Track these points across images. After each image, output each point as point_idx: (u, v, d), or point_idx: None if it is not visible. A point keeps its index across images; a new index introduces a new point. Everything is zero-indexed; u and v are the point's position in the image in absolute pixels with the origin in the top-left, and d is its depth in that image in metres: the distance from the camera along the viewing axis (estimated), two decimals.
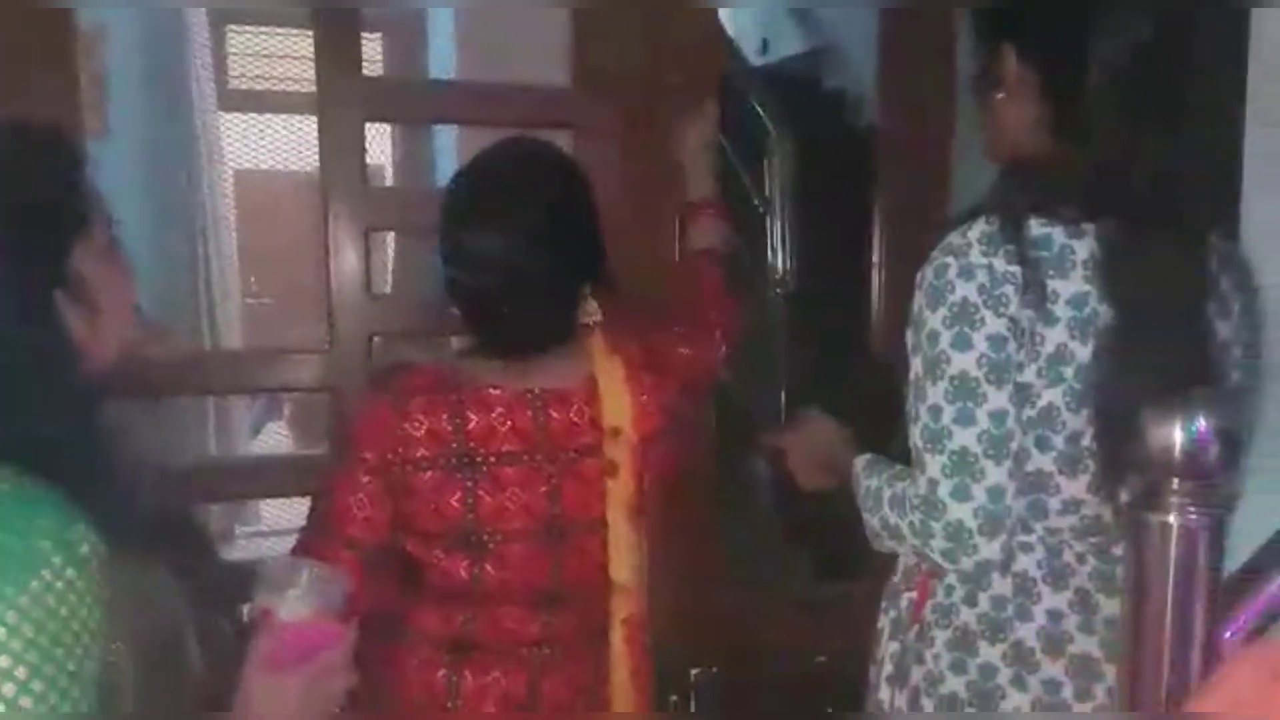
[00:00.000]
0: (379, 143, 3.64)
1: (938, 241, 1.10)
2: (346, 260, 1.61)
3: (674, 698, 1.75)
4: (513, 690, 1.20)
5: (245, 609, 1.02)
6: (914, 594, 1.18)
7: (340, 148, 1.61)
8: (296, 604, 0.94)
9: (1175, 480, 0.85)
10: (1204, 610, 0.87)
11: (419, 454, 1.15)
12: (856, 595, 1.45)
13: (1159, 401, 0.86)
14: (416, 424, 1.16)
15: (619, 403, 1.21)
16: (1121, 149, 1.07)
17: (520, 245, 1.16)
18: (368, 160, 1.65)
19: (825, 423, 1.38)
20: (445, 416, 1.16)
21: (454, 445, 1.16)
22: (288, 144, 4.47)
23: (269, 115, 4.53)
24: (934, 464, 1.06)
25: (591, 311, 1.22)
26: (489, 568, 1.17)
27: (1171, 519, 0.85)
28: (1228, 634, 0.92)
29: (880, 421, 1.22)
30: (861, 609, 1.31)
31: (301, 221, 2.01)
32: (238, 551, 3.32)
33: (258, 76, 4.65)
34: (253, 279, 5.15)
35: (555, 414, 1.19)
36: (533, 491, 1.18)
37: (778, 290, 2.68)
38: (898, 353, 1.14)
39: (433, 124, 2.93)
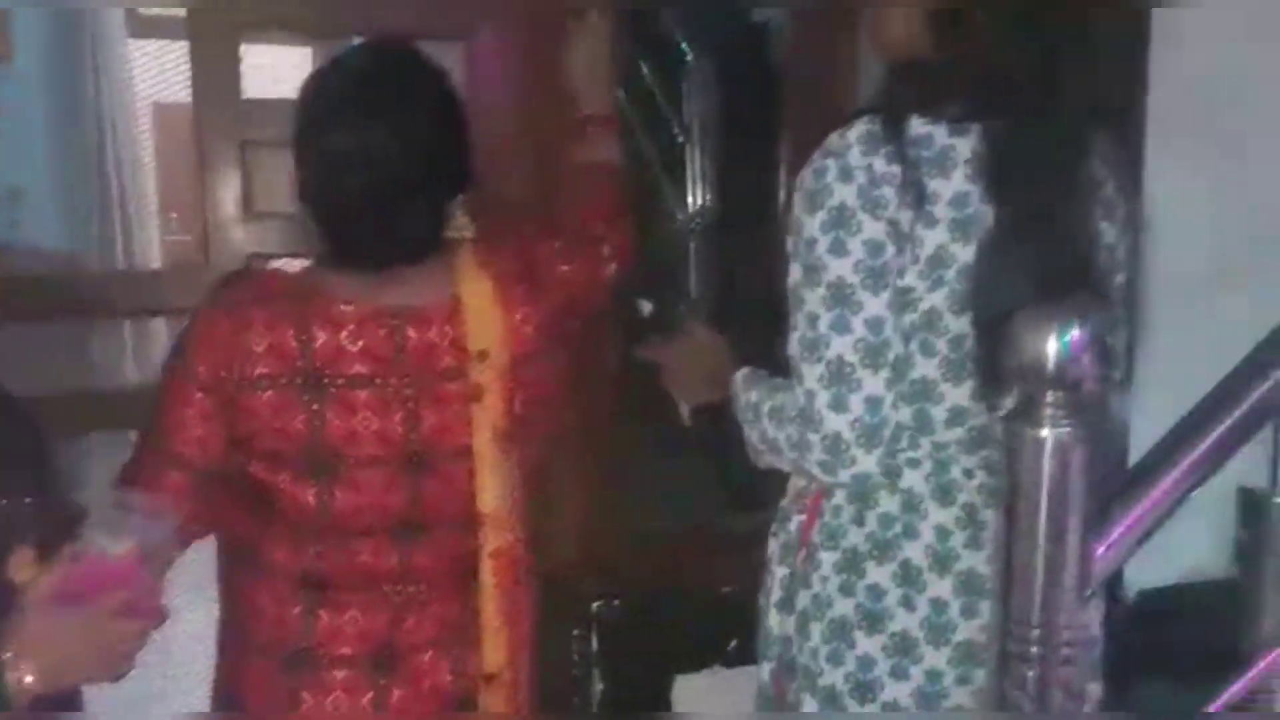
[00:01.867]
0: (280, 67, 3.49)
1: None
2: (223, 178, 1.52)
3: (576, 631, 1.72)
4: (372, 629, 1.14)
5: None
6: (803, 516, 1.16)
7: (213, 63, 1.53)
8: (108, 540, 0.90)
9: (1049, 392, 0.83)
10: (1078, 525, 0.85)
11: (258, 371, 1.08)
12: (768, 524, 1.43)
13: (1035, 308, 0.83)
14: (256, 338, 1.08)
15: (487, 323, 1.14)
16: (1005, 45, 1.03)
17: (380, 143, 1.09)
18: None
19: (704, 334, 1.35)
20: (290, 332, 1.08)
21: (299, 364, 1.09)
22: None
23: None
24: (810, 374, 1.04)
25: (462, 227, 1.15)
26: (339, 495, 1.11)
27: (1045, 432, 0.83)
28: (1101, 548, 0.91)
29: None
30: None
31: None
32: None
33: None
34: (174, 216, 4.98)
35: (414, 334, 1.12)
36: (388, 417, 1.11)
37: (696, 220, 2.63)
38: None
39: (316, 37, 2.78)
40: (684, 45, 2.66)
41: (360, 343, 1.10)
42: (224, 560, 1.21)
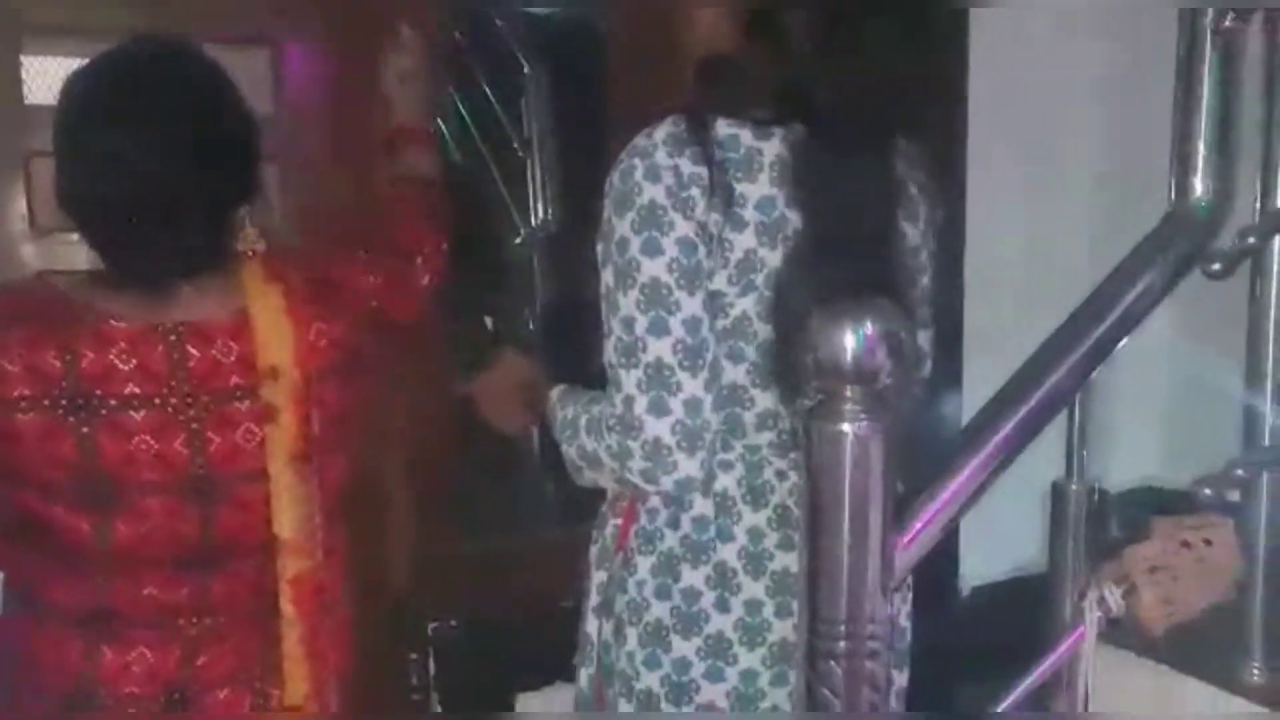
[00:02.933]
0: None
1: None
2: (5, 190, 1.42)
3: (413, 655, 1.66)
4: (162, 666, 1.06)
5: None
6: (619, 520, 1.14)
7: None
8: None
9: (847, 388, 0.83)
10: (880, 518, 0.85)
11: (17, 393, 1.00)
12: None
13: (832, 305, 0.83)
14: (11, 358, 1.00)
15: (278, 338, 1.08)
16: (811, 48, 1.04)
17: (142, 146, 1.01)
18: None
19: (516, 361, 1.32)
20: (51, 352, 1.00)
21: (63, 385, 1.01)
22: None
23: None
24: (629, 379, 1.02)
25: (251, 240, 1.09)
26: (120, 526, 1.03)
27: (845, 427, 0.83)
28: (903, 541, 0.91)
29: None
30: None
31: None
32: None
33: None
34: None
35: (195, 351, 1.05)
36: (169, 440, 1.04)
37: (539, 233, 2.60)
38: None
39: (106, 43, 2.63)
40: (521, 57, 2.64)
41: (134, 361, 1.03)
42: None
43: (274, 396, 1.07)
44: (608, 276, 1.04)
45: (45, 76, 1.45)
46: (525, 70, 2.64)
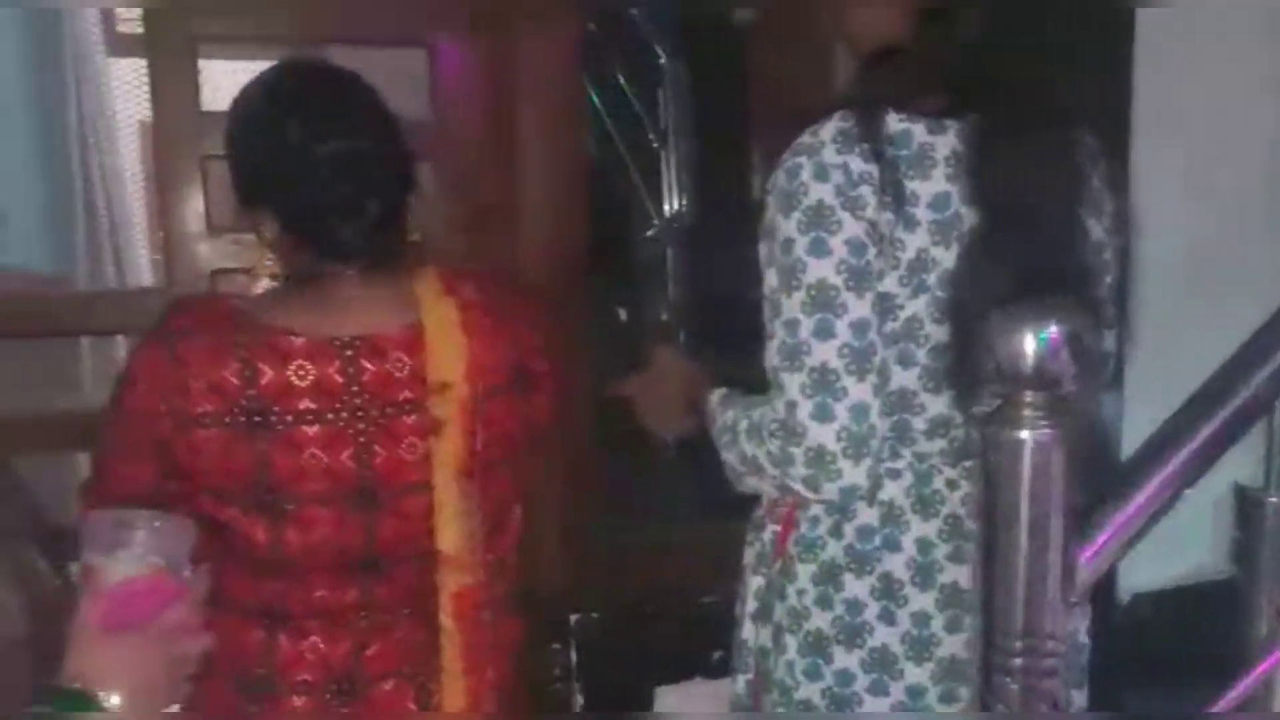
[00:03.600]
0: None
1: None
2: (184, 193, 1.49)
3: (555, 645, 1.68)
4: (334, 656, 1.09)
5: (72, 568, 0.92)
6: (778, 527, 1.11)
7: (171, 77, 1.50)
8: (131, 564, 0.87)
9: (1028, 393, 0.80)
10: (1061, 529, 0.82)
11: (200, 410, 1.03)
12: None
13: (1012, 308, 0.80)
14: (196, 374, 1.02)
15: (450, 353, 1.08)
16: (987, 38, 1.00)
17: (331, 135, 1.05)
18: None
19: (675, 362, 1.30)
20: (233, 368, 1.03)
21: (242, 401, 1.03)
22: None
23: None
24: (792, 384, 0.99)
25: (412, 232, 1.11)
26: (290, 533, 1.06)
27: (1024, 434, 0.79)
28: (1087, 553, 0.87)
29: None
30: None
31: None
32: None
33: None
34: (161, 233, 4.91)
35: (369, 365, 1.06)
36: (336, 452, 1.05)
37: (673, 225, 2.59)
38: None
39: (277, 49, 2.73)
40: (658, 48, 2.63)
41: (310, 376, 1.05)
42: None
43: (442, 411, 1.08)
44: (771, 278, 1.02)
45: (218, 83, 1.52)
46: (661, 61, 2.63)
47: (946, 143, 1.00)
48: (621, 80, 2.71)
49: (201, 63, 1.53)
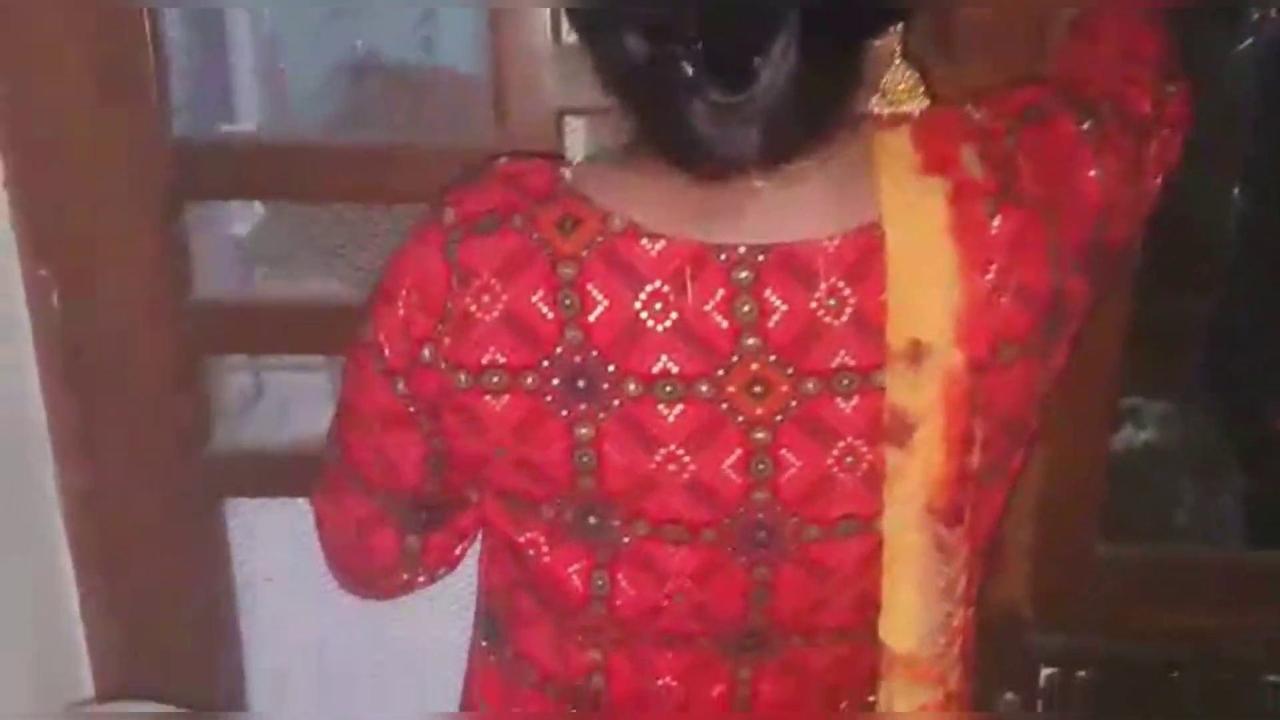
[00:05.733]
0: None
1: None
2: None
3: (1009, 695, 1.15)
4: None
5: None
6: None
7: None
8: None
9: None
10: None
11: (485, 359, 0.60)
12: None
13: None
14: (484, 301, 0.60)
15: (931, 284, 0.59)
16: None
17: None
18: None
19: None
20: (542, 292, 0.59)
21: (556, 351, 0.60)
22: None
23: None
24: None
25: (901, 96, 0.60)
26: (622, 578, 0.63)
27: None
28: None
29: None
30: None
31: None
32: None
33: None
34: None
35: (779, 300, 0.59)
36: (713, 453, 0.60)
37: None
38: None
39: None
40: None
41: (674, 315, 0.59)
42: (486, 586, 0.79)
43: (909, 394, 0.58)
44: None
45: None
46: None
47: None
48: None
49: None
